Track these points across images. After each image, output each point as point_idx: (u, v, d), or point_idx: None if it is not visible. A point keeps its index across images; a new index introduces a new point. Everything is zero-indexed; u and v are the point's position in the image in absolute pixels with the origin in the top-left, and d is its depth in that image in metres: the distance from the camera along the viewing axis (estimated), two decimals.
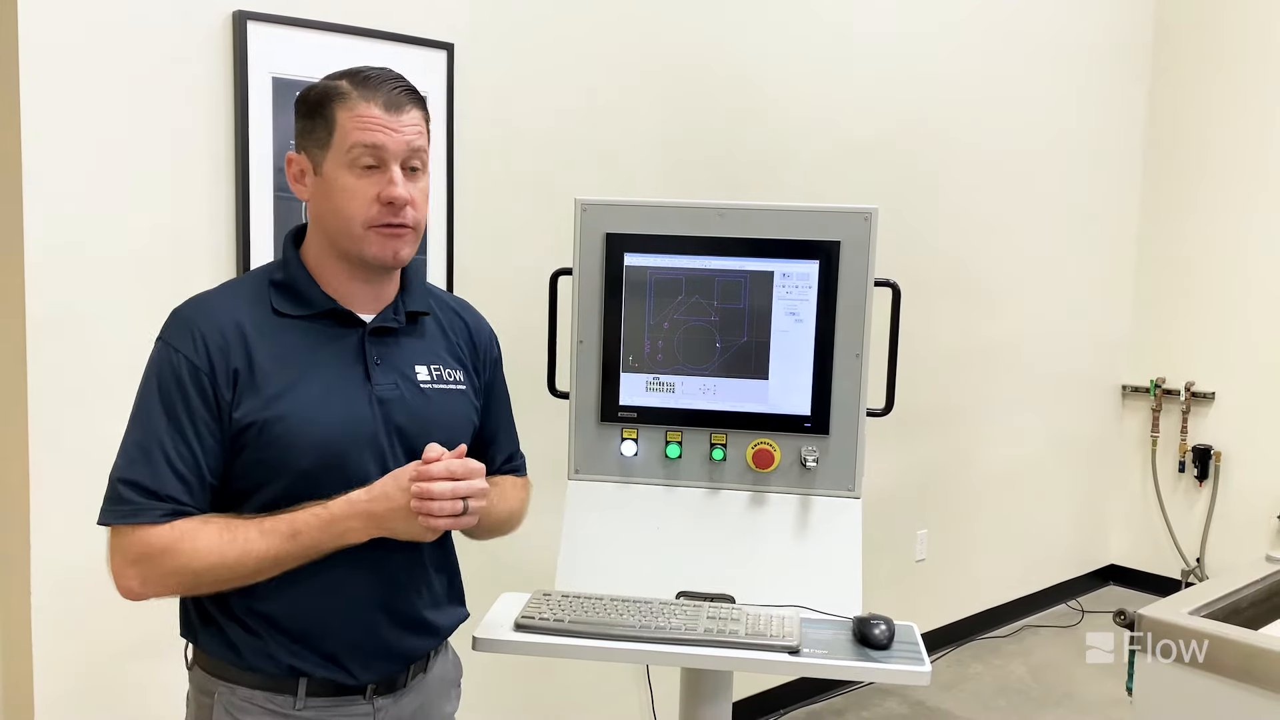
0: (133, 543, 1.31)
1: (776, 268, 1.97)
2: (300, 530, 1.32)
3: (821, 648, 1.74)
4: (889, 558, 3.91)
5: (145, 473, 1.31)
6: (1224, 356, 4.67)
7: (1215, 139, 4.66)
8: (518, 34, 2.69)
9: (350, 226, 1.37)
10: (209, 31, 2.19)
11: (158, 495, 1.31)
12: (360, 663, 1.43)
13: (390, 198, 1.36)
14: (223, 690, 1.40)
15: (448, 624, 1.57)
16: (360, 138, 1.35)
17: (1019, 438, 4.44)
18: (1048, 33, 4.30)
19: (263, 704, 1.40)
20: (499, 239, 2.70)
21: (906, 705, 3.69)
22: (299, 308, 1.41)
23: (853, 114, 3.55)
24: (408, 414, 1.44)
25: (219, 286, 1.45)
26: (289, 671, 1.39)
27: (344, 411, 1.39)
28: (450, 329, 1.57)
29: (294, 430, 1.35)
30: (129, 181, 2.11)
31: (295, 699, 1.40)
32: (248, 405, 1.34)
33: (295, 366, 1.37)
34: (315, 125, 1.39)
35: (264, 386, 1.35)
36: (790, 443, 2.00)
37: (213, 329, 1.35)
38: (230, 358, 1.34)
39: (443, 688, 1.60)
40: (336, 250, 1.41)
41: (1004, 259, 4.24)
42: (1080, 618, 4.64)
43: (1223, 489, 4.70)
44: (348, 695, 1.43)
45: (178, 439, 1.32)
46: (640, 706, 3.11)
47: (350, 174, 1.36)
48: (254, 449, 1.35)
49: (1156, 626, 1.81)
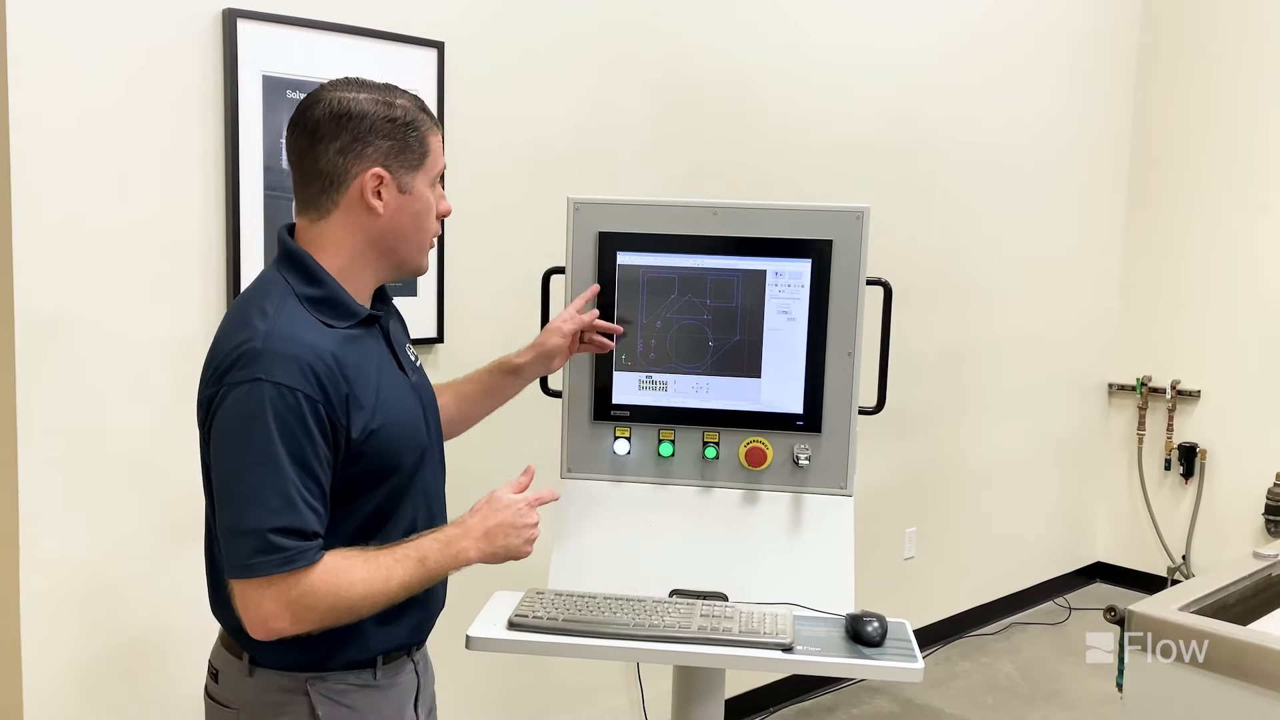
0: (291, 586, 1.32)
1: (769, 266, 1.97)
2: (427, 555, 1.43)
3: (815, 645, 1.75)
4: (877, 556, 3.92)
5: (293, 518, 1.32)
6: (1209, 355, 4.70)
7: (1202, 138, 4.69)
8: (509, 32, 2.69)
9: (424, 240, 1.50)
10: (199, 29, 2.18)
11: (307, 535, 1.34)
12: (430, 625, 1.59)
13: (447, 212, 1.55)
14: (314, 681, 1.45)
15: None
16: (442, 162, 1.51)
17: (1006, 436, 4.46)
18: (1034, 32, 4.32)
19: (353, 682, 1.48)
20: (490, 238, 2.70)
21: (896, 703, 3.70)
22: (343, 319, 1.43)
23: (842, 114, 3.56)
24: (429, 395, 1.59)
25: (272, 316, 1.38)
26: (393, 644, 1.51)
27: (411, 405, 1.52)
28: (397, 314, 1.66)
29: (396, 433, 1.45)
30: (118, 180, 2.10)
31: (375, 670, 1.49)
32: (358, 421, 1.40)
33: (371, 374, 1.44)
34: (407, 146, 1.45)
35: (363, 400, 1.41)
36: (783, 441, 2.01)
37: (315, 358, 1.35)
38: (339, 383, 1.37)
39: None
40: (388, 262, 1.49)
41: (991, 258, 4.26)
42: (1067, 615, 4.66)
43: (1208, 486, 4.73)
44: (406, 656, 1.55)
45: (306, 477, 1.34)
46: (631, 704, 3.12)
47: (432, 193, 1.50)
48: (368, 460, 1.42)
49: (1147, 623, 1.82)
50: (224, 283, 2.24)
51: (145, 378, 2.15)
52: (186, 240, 2.20)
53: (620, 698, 3.13)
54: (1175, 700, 1.81)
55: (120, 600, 2.16)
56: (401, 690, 1.54)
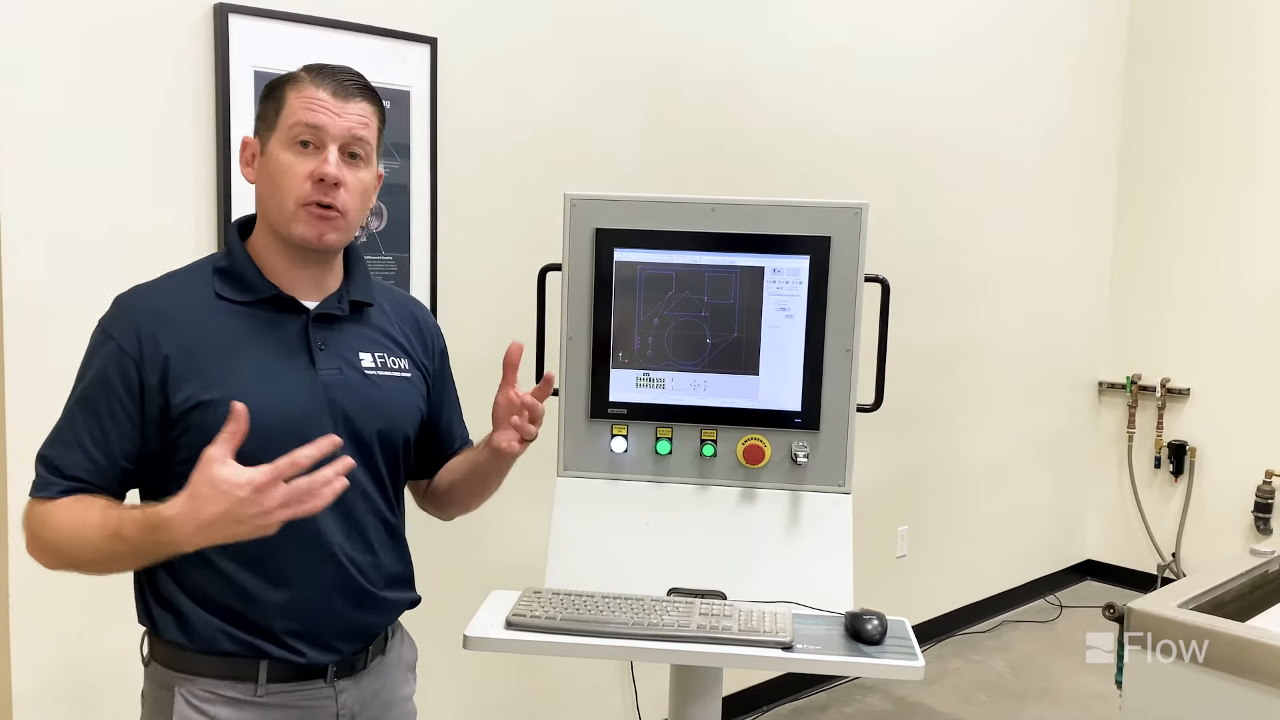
0: (29, 513, 1.37)
1: (767, 263, 1.96)
2: (123, 530, 1.28)
3: (814, 643, 1.74)
4: (870, 554, 3.91)
5: (57, 452, 1.37)
6: (1199, 353, 4.72)
7: (1190, 139, 4.71)
8: (503, 27, 2.67)
9: (284, 203, 1.39)
10: (191, 24, 2.16)
11: (61, 473, 1.36)
12: (316, 643, 1.43)
13: (321, 174, 1.38)
14: (182, 682, 1.40)
15: (399, 601, 1.56)
16: (302, 116, 1.38)
17: (997, 434, 4.47)
18: (1026, 32, 4.33)
19: (225, 693, 1.40)
20: (485, 234, 2.69)
21: (889, 701, 3.70)
22: (242, 293, 1.42)
23: (836, 112, 3.56)
24: (353, 398, 1.46)
25: (165, 274, 1.47)
26: (250, 652, 1.40)
27: (285, 395, 1.40)
28: (396, 320, 1.59)
29: None
30: (110, 174, 2.08)
31: (256, 685, 1.40)
32: (189, 388, 1.35)
33: (238, 351, 1.39)
34: (268, 108, 1.43)
35: (203, 370, 1.36)
36: (781, 438, 2.00)
37: (148, 315, 1.38)
38: (161, 344, 1.36)
39: (400, 671, 1.61)
40: (275, 234, 1.43)
41: (981, 257, 4.26)
42: (1059, 612, 4.67)
43: (1197, 484, 4.75)
44: (308, 679, 1.44)
45: (93, 422, 1.36)
46: (625, 704, 3.11)
47: (289, 151, 1.39)
48: (195, 432, 1.34)
49: (1146, 620, 1.82)
50: None
51: None
52: (178, 234, 2.18)
53: (614, 698, 3.12)
54: (1174, 697, 1.81)
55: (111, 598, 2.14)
56: (299, 716, 1.44)
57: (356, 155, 1.42)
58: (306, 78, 1.40)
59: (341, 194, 1.40)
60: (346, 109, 1.40)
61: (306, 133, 1.38)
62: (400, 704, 1.60)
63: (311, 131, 1.38)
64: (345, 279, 1.52)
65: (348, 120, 1.40)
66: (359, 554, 1.47)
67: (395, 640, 1.59)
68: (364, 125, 1.42)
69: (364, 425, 1.46)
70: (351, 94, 1.41)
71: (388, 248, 2.49)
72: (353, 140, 1.41)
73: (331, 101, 1.39)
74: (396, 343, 1.56)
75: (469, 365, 1.91)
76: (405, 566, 1.59)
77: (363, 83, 1.44)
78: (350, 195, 1.41)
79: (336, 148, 1.39)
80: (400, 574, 1.57)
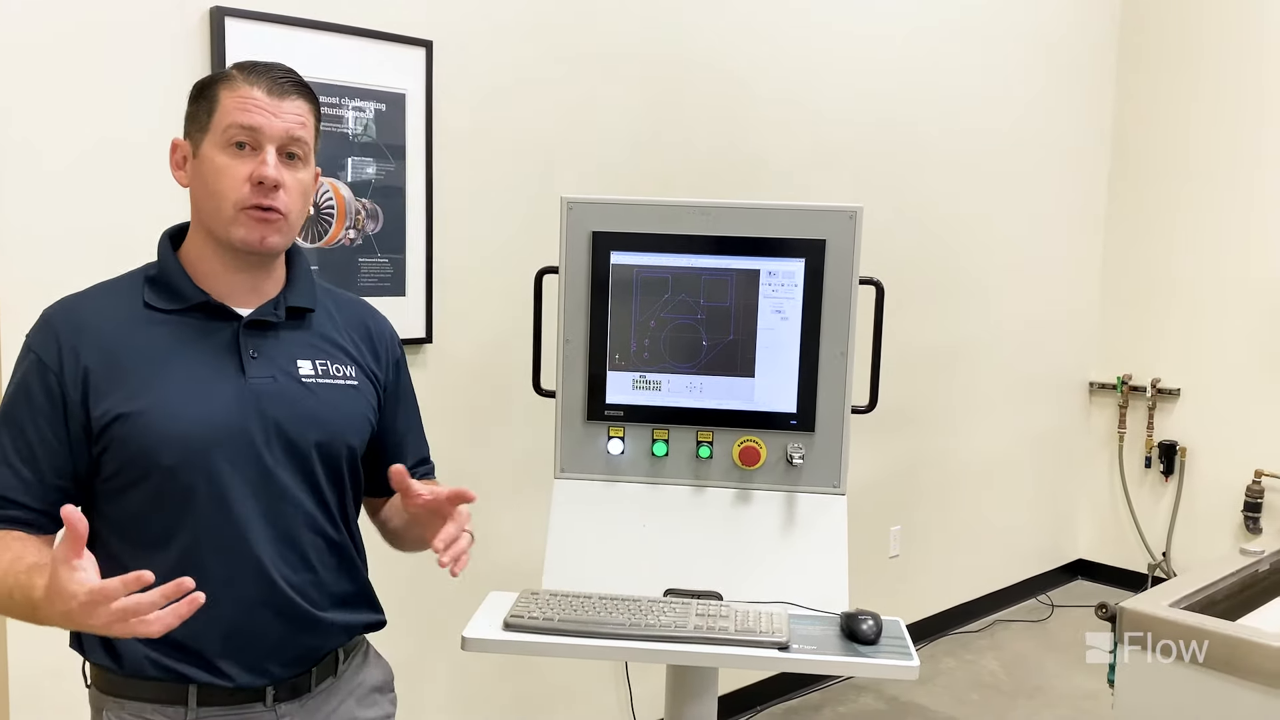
0: None
1: (762, 266, 1.98)
2: (14, 591, 1.24)
3: (810, 644, 1.75)
4: (863, 554, 3.93)
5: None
6: (1189, 353, 4.75)
7: (1181, 138, 4.73)
8: (499, 31, 2.68)
9: (221, 207, 1.34)
10: (187, 27, 2.16)
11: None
12: (247, 665, 1.38)
13: (260, 177, 1.33)
14: (111, 706, 1.38)
15: (348, 624, 1.49)
16: (237, 118, 1.34)
17: (989, 434, 4.49)
18: (1017, 31, 4.35)
19: (153, 716, 1.36)
20: (480, 237, 2.69)
21: (882, 700, 3.72)
22: (171, 301, 1.38)
23: (830, 114, 3.57)
24: (287, 407, 1.39)
25: (95, 285, 1.43)
26: (172, 676, 1.35)
27: (210, 404, 1.35)
28: (345, 327, 1.52)
29: (155, 424, 1.31)
30: (105, 178, 2.09)
31: (186, 709, 1.36)
32: (108, 401, 1.31)
33: (162, 361, 1.35)
34: (199, 109, 1.38)
35: (126, 382, 1.32)
36: (776, 440, 2.01)
37: (69, 328, 1.35)
38: (81, 356, 1.32)
39: (362, 693, 1.53)
40: (212, 239, 1.38)
41: (973, 258, 4.28)
42: (1050, 612, 4.69)
43: (1188, 484, 4.77)
44: (245, 703, 1.39)
45: (18, 437, 1.32)
46: (619, 704, 3.12)
47: (224, 154, 1.34)
48: (118, 446, 1.32)
49: (1139, 619, 1.84)
50: None
51: None
52: None
53: (609, 697, 3.13)
54: (1166, 695, 1.83)
55: None
56: None
57: (295, 155, 1.38)
58: (239, 76, 1.36)
59: (282, 195, 1.35)
60: (283, 108, 1.35)
61: (242, 134, 1.34)
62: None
63: (248, 133, 1.34)
64: (286, 284, 1.46)
65: (285, 120, 1.35)
66: (294, 572, 1.40)
67: (352, 662, 1.52)
68: (301, 125, 1.37)
69: (299, 436, 1.39)
70: (287, 92, 1.36)
71: (383, 250, 2.49)
72: (290, 140, 1.36)
73: (267, 101, 1.34)
74: (342, 349, 1.49)
75: (464, 368, 1.92)
76: (357, 585, 1.51)
77: (297, 79, 1.39)
78: (290, 196, 1.37)
79: (274, 148, 1.35)
80: (349, 594, 1.49)
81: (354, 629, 1.51)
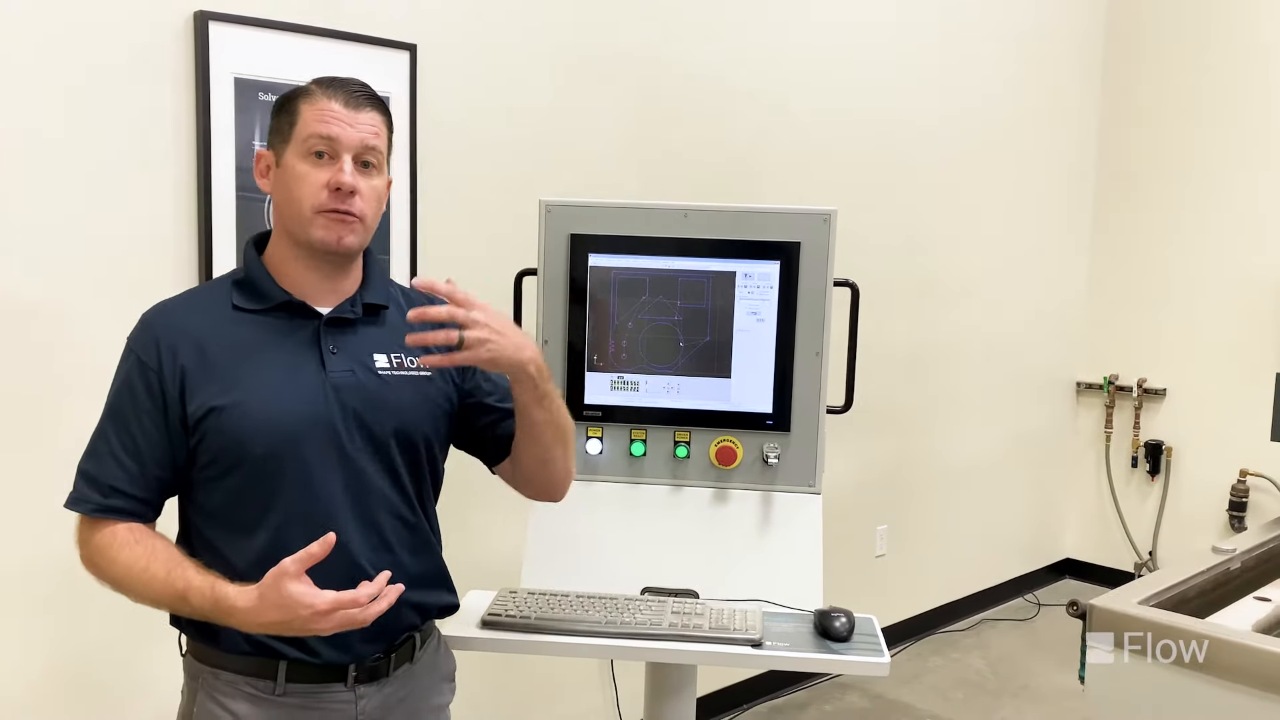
0: (80, 526, 1.45)
1: (738, 268, 2.00)
2: (190, 596, 1.37)
3: (783, 641, 1.77)
4: (849, 553, 3.96)
5: (93, 464, 1.45)
6: (1176, 353, 4.77)
7: (1168, 138, 4.76)
8: (482, 35, 2.70)
9: (301, 211, 1.45)
10: (171, 32, 2.18)
11: (98, 484, 1.43)
12: (332, 641, 1.45)
13: (338, 183, 1.44)
14: (206, 675, 1.47)
15: (424, 604, 1.58)
16: (317, 128, 1.44)
17: (976, 434, 4.52)
18: (1002, 31, 4.37)
19: (244, 688, 1.45)
20: (463, 240, 2.71)
21: (867, 699, 3.74)
22: (256, 302, 1.49)
23: (813, 117, 3.60)
24: (365, 398, 1.49)
25: (187, 290, 1.58)
26: (265, 652, 1.44)
27: (296, 396, 1.45)
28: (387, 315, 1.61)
29: (246, 415, 1.42)
30: (90, 182, 2.10)
31: (275, 683, 1.45)
32: (203, 396, 1.42)
33: (250, 357, 1.45)
34: (281, 121, 1.49)
35: (218, 377, 1.43)
36: (752, 440, 2.03)
37: (166, 329, 1.46)
38: (179, 355, 1.43)
39: (432, 680, 1.63)
40: (293, 241, 1.49)
41: (960, 257, 4.31)
42: (1036, 611, 4.72)
43: (1174, 484, 4.80)
44: (328, 682, 1.48)
45: (122, 432, 1.44)
46: (605, 703, 3.14)
47: (305, 162, 1.45)
48: (211, 436, 1.42)
49: (1107, 616, 1.86)
50: (195, 283, 2.24)
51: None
52: (158, 241, 2.20)
53: (595, 696, 3.15)
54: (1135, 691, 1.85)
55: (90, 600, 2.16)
56: (317, 718, 1.47)
57: (369, 164, 1.48)
58: (318, 90, 1.46)
59: (357, 200, 1.46)
60: (358, 119, 1.46)
61: (321, 144, 1.44)
62: (429, 713, 1.62)
63: (326, 143, 1.44)
64: (362, 284, 1.56)
65: (360, 131, 1.46)
66: (375, 553, 1.49)
67: (427, 649, 1.62)
68: (375, 135, 1.48)
69: (377, 425, 1.49)
70: (362, 104, 1.47)
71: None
72: (365, 150, 1.46)
73: (344, 112, 1.45)
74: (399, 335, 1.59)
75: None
76: (433, 567, 1.61)
77: (371, 93, 1.50)
78: (365, 201, 1.47)
79: (350, 157, 1.45)
80: (425, 574, 1.58)
81: (429, 609, 1.60)
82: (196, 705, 1.47)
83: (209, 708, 1.46)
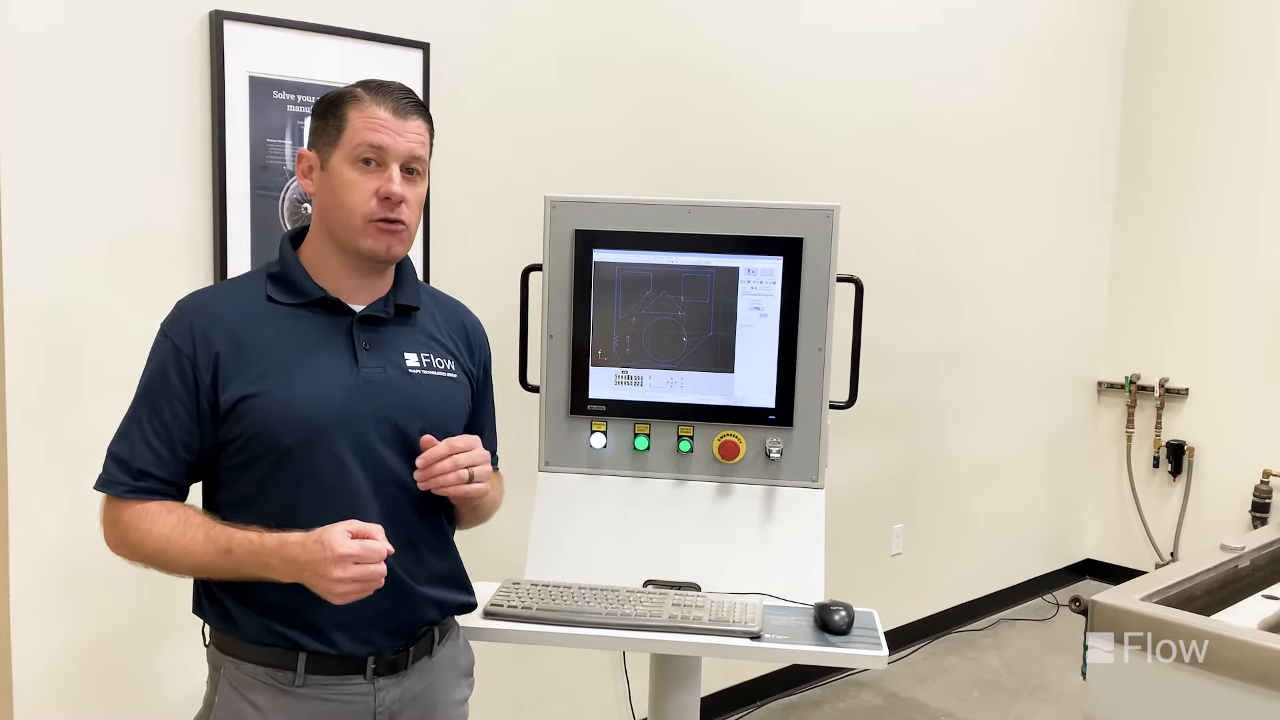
0: (108, 507, 1.48)
1: (742, 263, 2.01)
2: (233, 549, 1.40)
3: (782, 633, 1.78)
4: (865, 552, 3.96)
5: (124, 447, 1.47)
6: (1198, 353, 4.73)
7: (1190, 137, 4.72)
8: (494, 34, 2.72)
9: (351, 219, 1.48)
10: (186, 31, 2.22)
11: (128, 466, 1.45)
12: (352, 635, 1.48)
13: (388, 193, 1.47)
14: (228, 665, 1.49)
15: (442, 600, 1.60)
16: (367, 136, 1.47)
17: (995, 433, 4.50)
18: (1022, 29, 4.35)
19: (264, 679, 1.47)
20: (473, 235, 2.74)
21: (882, 697, 3.74)
22: (292, 296, 1.51)
23: (825, 111, 3.60)
24: (395, 396, 1.52)
25: (223, 281, 1.63)
26: (286, 643, 1.46)
27: (327, 390, 1.47)
28: (445, 325, 1.66)
29: (277, 404, 1.44)
30: (106, 180, 2.14)
31: (295, 675, 1.47)
32: (235, 384, 1.45)
33: (283, 349, 1.47)
34: (327, 124, 1.50)
35: (251, 366, 1.45)
36: (755, 435, 2.04)
37: (201, 317, 1.48)
38: (213, 342, 1.45)
39: (451, 674, 1.65)
40: (336, 244, 1.51)
41: (981, 256, 4.29)
42: (1055, 611, 4.69)
43: (1196, 484, 4.76)
44: (348, 674, 1.50)
45: (154, 416, 1.46)
46: (617, 697, 3.16)
47: (354, 169, 1.47)
48: (242, 424, 1.44)
49: (1109, 613, 1.86)
50: (210, 281, 2.28)
51: (131, 372, 2.19)
52: (173, 239, 2.24)
53: (607, 690, 3.17)
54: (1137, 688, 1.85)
55: (111, 587, 2.20)
56: (336, 710, 1.49)
57: (414, 171, 1.51)
58: (367, 96, 1.48)
59: (405, 209, 1.49)
60: (406, 128, 1.48)
61: (370, 152, 1.47)
62: (448, 707, 1.64)
63: (375, 151, 1.47)
64: (395, 284, 1.59)
65: (408, 140, 1.48)
66: (398, 549, 1.47)
67: (446, 644, 1.64)
68: (421, 144, 1.51)
69: (405, 422, 1.52)
70: (409, 113, 1.49)
71: None
72: (412, 159, 1.50)
73: (392, 121, 1.47)
74: (443, 345, 1.63)
75: None
76: (452, 566, 1.64)
77: (416, 100, 1.52)
78: (411, 209, 1.51)
79: (398, 165, 1.48)
80: (445, 573, 1.61)
81: (448, 606, 1.63)
82: (219, 696, 1.49)
83: (230, 698, 1.48)
